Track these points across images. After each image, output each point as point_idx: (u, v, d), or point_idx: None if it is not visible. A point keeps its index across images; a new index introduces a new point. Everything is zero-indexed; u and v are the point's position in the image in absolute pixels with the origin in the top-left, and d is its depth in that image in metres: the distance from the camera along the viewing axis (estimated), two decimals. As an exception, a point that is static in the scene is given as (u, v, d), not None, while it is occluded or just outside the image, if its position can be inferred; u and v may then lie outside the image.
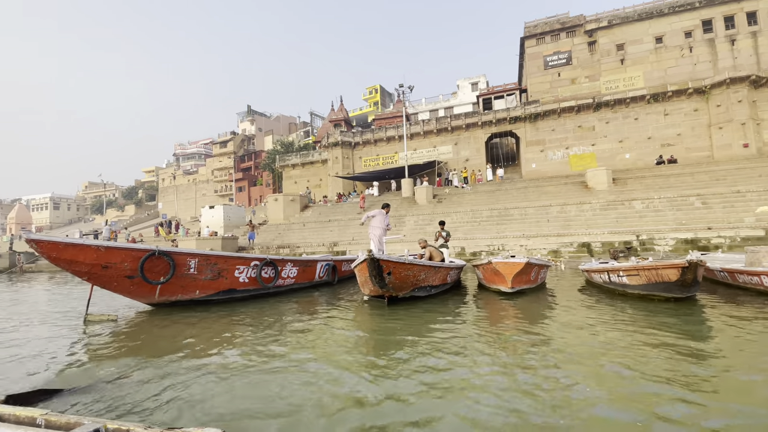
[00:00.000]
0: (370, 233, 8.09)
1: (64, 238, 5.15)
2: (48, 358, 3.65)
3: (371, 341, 3.86)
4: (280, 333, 4.34)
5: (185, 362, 3.33)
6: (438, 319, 4.84)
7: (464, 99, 41.53)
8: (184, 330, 4.72)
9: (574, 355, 3.16)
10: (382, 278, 5.49)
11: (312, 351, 3.56)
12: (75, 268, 5.18)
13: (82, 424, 1.28)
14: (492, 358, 3.18)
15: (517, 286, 6.21)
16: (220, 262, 6.41)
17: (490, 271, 6.40)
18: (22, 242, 37.88)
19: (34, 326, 5.25)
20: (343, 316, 5.32)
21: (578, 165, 25.73)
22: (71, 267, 5.16)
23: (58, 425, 1.32)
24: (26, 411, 1.41)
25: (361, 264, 5.76)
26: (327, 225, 21.50)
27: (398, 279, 5.65)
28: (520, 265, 5.96)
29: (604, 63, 26.46)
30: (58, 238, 5.05)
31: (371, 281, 5.61)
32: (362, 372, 2.91)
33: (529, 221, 15.84)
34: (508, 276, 6.03)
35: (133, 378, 2.94)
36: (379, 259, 5.34)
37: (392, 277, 5.56)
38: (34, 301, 8.08)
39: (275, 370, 3.03)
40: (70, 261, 5.10)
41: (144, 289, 5.76)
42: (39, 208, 62.46)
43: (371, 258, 5.29)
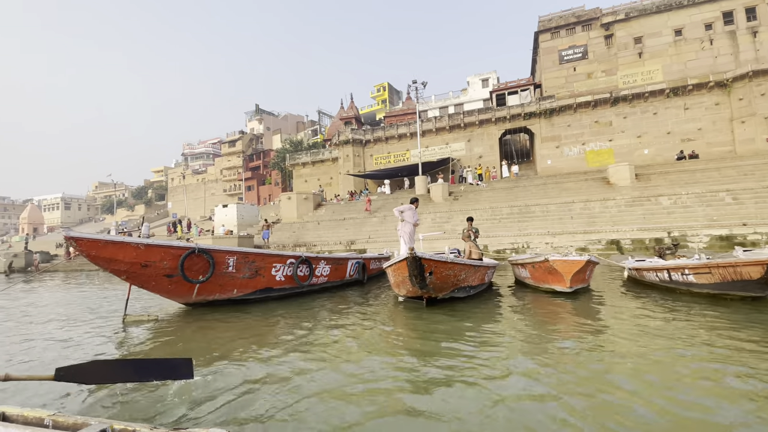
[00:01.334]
0: (400, 230, 7.63)
1: (104, 235, 4.95)
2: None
3: (424, 350, 3.48)
4: (323, 337, 4.05)
5: (231, 364, 3.12)
6: (490, 324, 4.54)
7: (474, 95, 41.04)
8: (227, 331, 4.51)
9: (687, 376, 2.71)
10: (423, 278, 5.15)
11: (359, 357, 3.27)
12: (114, 267, 4.98)
13: (89, 424, 1.29)
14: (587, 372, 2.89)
15: (575, 285, 5.91)
16: (258, 260, 6.20)
17: (543, 269, 6.07)
18: (37, 242, 38.14)
19: (73, 327, 5.07)
20: (383, 318, 5.02)
21: (595, 161, 25.29)
22: (110, 266, 4.96)
23: (66, 425, 1.33)
24: (34, 412, 1.42)
25: (399, 263, 5.41)
26: (342, 223, 21.29)
27: (439, 279, 5.33)
28: (581, 263, 5.65)
29: (622, 57, 25.96)
30: (98, 236, 4.85)
31: (410, 281, 5.28)
32: (418, 384, 2.65)
33: (551, 218, 15.51)
34: (567, 275, 5.72)
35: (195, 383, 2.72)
36: (422, 258, 5.01)
37: (433, 277, 5.23)
38: (66, 302, 7.91)
39: (325, 378, 2.81)
40: (109, 259, 4.90)
41: (182, 289, 5.56)
42: (50, 208, 62.96)
43: (413, 257, 4.95)
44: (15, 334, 4.80)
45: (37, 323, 5.45)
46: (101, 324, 5.20)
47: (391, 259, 7.66)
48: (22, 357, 3.69)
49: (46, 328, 5.09)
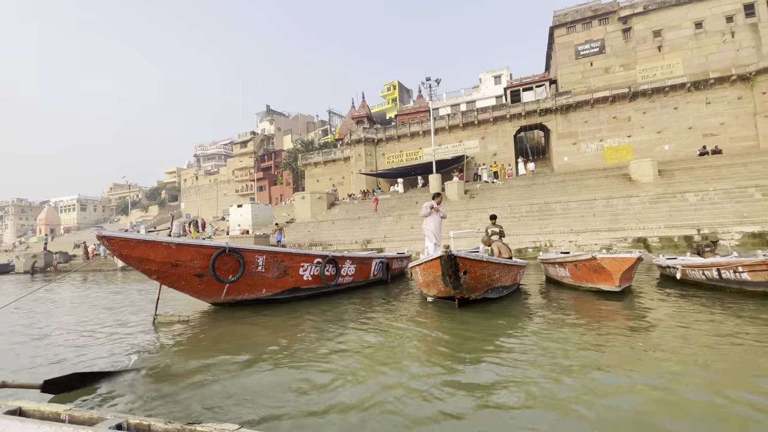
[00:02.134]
0: (426, 228, 7.33)
1: (136, 234, 4.87)
2: (113, 360, 3.36)
3: (465, 356, 3.25)
4: (356, 341, 3.86)
5: (264, 366, 2.98)
6: (532, 326, 4.32)
7: (487, 92, 40.61)
8: (259, 332, 4.41)
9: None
10: (458, 278, 4.93)
11: (396, 363, 3.05)
12: (145, 266, 4.90)
13: (105, 418, 1.30)
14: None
15: (623, 284, 5.65)
16: (287, 259, 6.08)
17: (589, 268, 5.81)
18: (55, 243, 38.83)
19: (103, 327, 5.01)
20: (414, 320, 4.82)
21: (613, 157, 24.77)
22: (141, 265, 4.88)
23: (82, 420, 1.34)
24: (50, 407, 1.42)
25: (431, 262, 5.19)
26: (357, 222, 21.17)
27: (474, 279, 5.11)
28: (631, 261, 5.39)
29: (640, 51, 25.36)
30: (130, 235, 4.77)
31: (443, 281, 5.07)
32: (465, 395, 2.46)
33: (572, 216, 15.17)
34: (617, 273, 5.46)
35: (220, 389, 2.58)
36: (457, 257, 4.79)
37: (468, 276, 5.01)
38: (91, 303, 7.91)
39: (358, 384, 2.65)
40: (140, 259, 4.82)
41: (212, 288, 5.46)
42: (67, 209, 64.12)
43: (448, 255, 4.72)
44: (55, 332, 4.75)
45: (67, 323, 5.41)
46: (132, 324, 5.13)
47: (420, 257, 7.48)
48: (57, 356, 3.61)
49: (75, 328, 5.03)
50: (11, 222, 66.28)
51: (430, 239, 7.21)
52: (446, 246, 4.78)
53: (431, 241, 7.16)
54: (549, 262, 7.65)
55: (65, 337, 4.51)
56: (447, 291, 5.28)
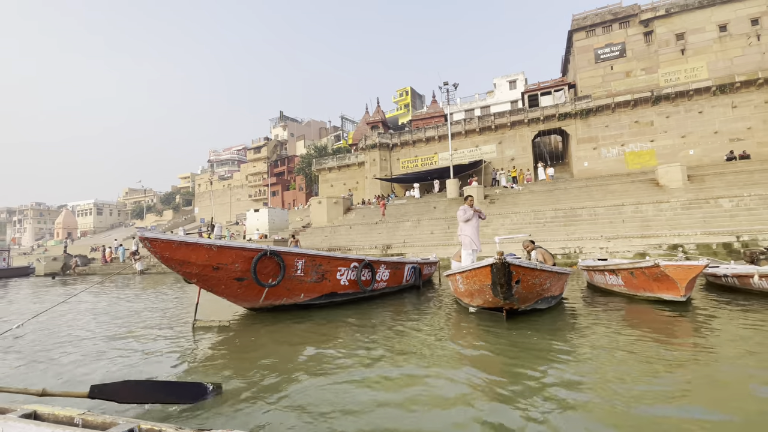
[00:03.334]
0: (463, 233, 6.89)
1: (178, 236, 4.71)
2: (153, 366, 3.16)
3: (527, 381, 2.82)
4: (399, 358, 3.50)
5: (310, 378, 2.75)
6: (595, 341, 3.97)
7: (501, 97, 40.22)
8: (299, 338, 4.23)
9: None
10: (510, 287, 4.55)
11: (460, 394, 2.59)
12: (186, 270, 4.73)
13: (117, 423, 1.30)
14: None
15: (688, 293, 5.29)
16: (324, 263, 5.87)
17: (648, 276, 5.46)
18: (75, 245, 39.37)
19: (143, 332, 4.84)
20: (458, 333, 4.48)
21: (636, 163, 24.22)
22: (182, 268, 4.71)
23: (95, 425, 1.34)
24: (64, 411, 1.42)
25: (479, 270, 4.78)
26: (374, 227, 20.96)
27: (526, 288, 4.75)
28: (698, 269, 5.02)
29: (663, 54, 24.88)
30: (172, 237, 4.61)
31: (492, 290, 4.69)
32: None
33: (600, 222, 14.74)
34: (683, 282, 5.09)
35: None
36: (511, 264, 4.44)
37: (520, 285, 4.65)
38: (126, 307, 7.79)
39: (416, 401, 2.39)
40: (181, 261, 4.65)
41: (251, 293, 5.27)
42: (84, 213, 65.21)
43: (502, 263, 4.38)
44: (91, 338, 4.59)
45: (104, 326, 5.26)
46: (170, 329, 4.95)
47: (454, 264, 7.21)
48: (99, 363, 3.43)
49: (115, 332, 4.88)
50: (30, 225, 67.62)
51: (468, 246, 6.71)
52: (500, 252, 4.46)
53: (470, 248, 6.74)
54: (595, 269, 7.28)
55: (110, 345, 4.35)
56: (495, 301, 4.89)
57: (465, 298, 5.64)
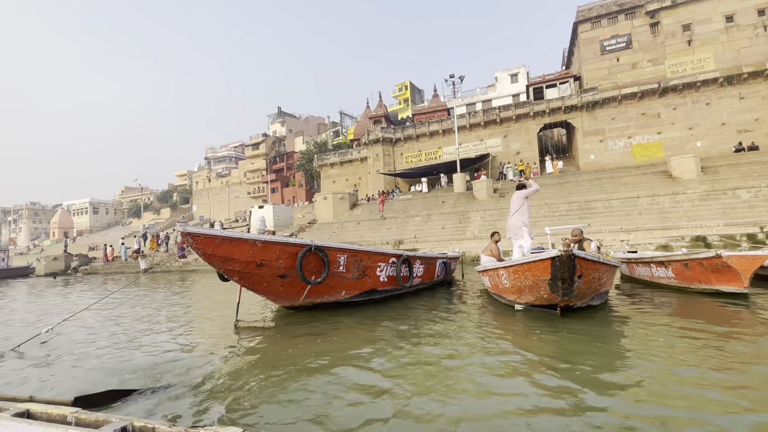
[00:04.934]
0: (520, 222, 6.16)
1: (221, 231, 4.41)
2: (188, 369, 2.89)
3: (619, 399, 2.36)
4: (453, 363, 3.19)
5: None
6: (669, 341, 3.73)
7: (503, 91, 40.08)
8: (348, 339, 4.00)
9: None
10: (572, 282, 4.24)
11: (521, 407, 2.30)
12: (228, 267, 4.43)
13: (110, 421, 1.30)
14: None
15: (749, 285, 5.10)
16: (365, 258, 5.60)
17: (707, 267, 5.23)
18: (76, 245, 38.72)
19: (187, 330, 4.55)
20: (509, 335, 4.13)
21: (643, 155, 24.10)
22: (225, 265, 4.41)
23: (88, 423, 1.34)
24: (57, 409, 1.41)
25: (537, 263, 4.36)
26: (383, 222, 20.69)
27: (586, 283, 4.45)
28: (763, 259, 4.84)
29: (669, 45, 24.69)
30: (216, 232, 4.31)
31: (550, 286, 4.35)
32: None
33: (616, 214, 14.57)
34: (746, 273, 4.90)
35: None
36: (576, 257, 4.10)
37: (581, 280, 4.34)
38: (158, 306, 7.48)
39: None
40: (224, 258, 4.35)
41: (293, 290, 4.99)
42: (79, 212, 64.27)
43: (569, 255, 4.03)
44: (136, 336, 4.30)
45: (146, 328, 4.97)
46: (212, 328, 4.67)
47: (491, 258, 6.91)
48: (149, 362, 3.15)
49: (160, 332, 4.58)
50: (25, 225, 66.54)
51: (524, 236, 6.10)
52: (567, 244, 4.15)
53: (521, 239, 6.14)
54: (638, 261, 7.05)
55: (153, 345, 4.06)
56: (551, 298, 4.55)
57: (509, 294, 5.27)
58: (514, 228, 6.20)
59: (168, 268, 21.51)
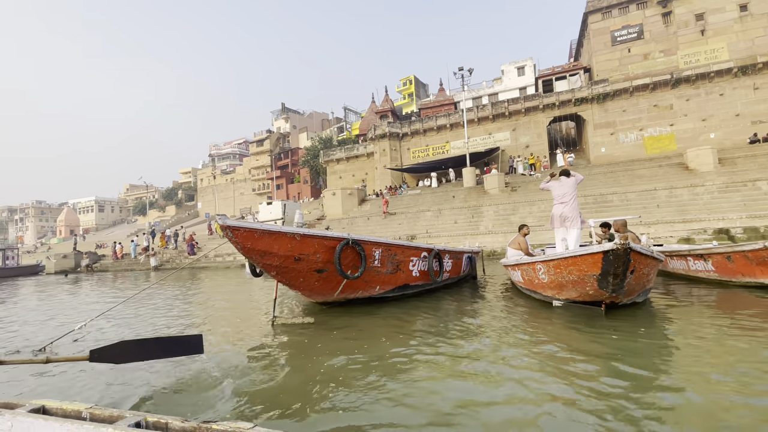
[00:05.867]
0: (568, 211, 5.66)
1: (260, 224, 4.28)
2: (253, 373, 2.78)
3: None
4: (498, 368, 2.91)
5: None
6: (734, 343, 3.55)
7: (510, 84, 39.42)
8: (388, 337, 3.87)
9: None
10: (624, 278, 3.92)
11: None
12: (266, 261, 4.31)
13: (125, 416, 1.34)
14: None
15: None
16: (399, 252, 5.47)
17: (752, 259, 5.05)
18: (86, 242, 38.80)
19: (222, 328, 4.44)
20: (553, 333, 3.90)
21: (655, 147, 23.82)
22: (263, 259, 4.29)
23: (102, 418, 1.37)
24: (72, 405, 1.46)
25: (586, 257, 4.01)
26: (393, 218, 20.56)
27: (637, 279, 4.20)
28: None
29: (682, 35, 24.31)
30: (255, 225, 4.19)
31: (598, 282, 4.05)
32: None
33: (633, 207, 14.37)
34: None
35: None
36: (633, 251, 3.79)
37: (633, 276, 4.06)
38: (186, 303, 7.38)
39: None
40: (263, 252, 4.23)
41: (328, 286, 4.87)
42: (85, 210, 64.45)
43: (626, 249, 3.74)
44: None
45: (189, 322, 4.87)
46: (248, 326, 4.56)
47: (516, 252, 6.71)
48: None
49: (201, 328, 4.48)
50: (31, 224, 66.82)
51: (577, 226, 5.69)
52: (624, 237, 3.86)
53: (575, 229, 5.74)
54: (674, 254, 6.88)
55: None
56: (597, 294, 4.26)
57: (547, 290, 4.99)
58: (567, 217, 5.71)
59: (178, 265, 21.48)
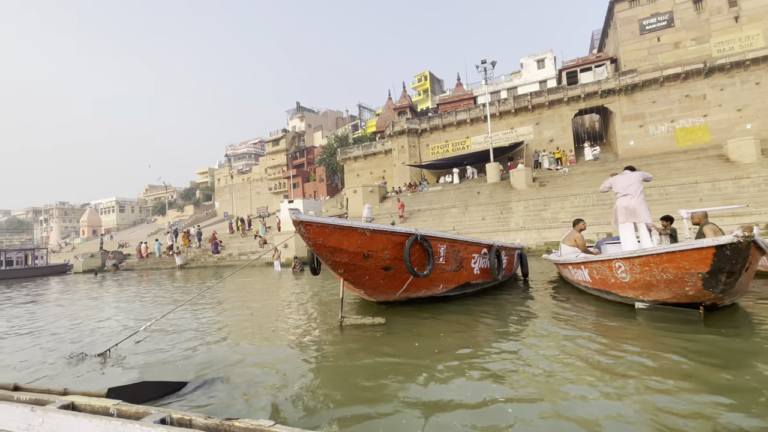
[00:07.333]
0: (637, 204, 5.12)
1: (331, 219, 4.06)
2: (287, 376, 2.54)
3: None
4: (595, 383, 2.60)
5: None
6: None
7: (529, 78, 38.73)
8: (464, 339, 3.57)
9: None
10: (739, 276, 3.43)
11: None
12: (336, 258, 4.10)
13: (150, 413, 1.35)
14: None
15: None
16: (462, 249, 5.21)
17: None
18: (113, 242, 39.53)
19: (289, 329, 4.25)
20: (647, 342, 3.40)
21: (687, 140, 22.97)
22: (333, 256, 4.08)
23: (128, 414, 1.38)
24: (100, 401, 1.47)
25: (697, 251, 3.44)
26: (418, 215, 20.27)
27: (748, 276, 3.73)
28: None
29: (714, 22, 23.37)
30: (327, 220, 3.98)
31: (705, 280, 3.50)
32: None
33: (675, 201, 13.79)
34: None
35: None
36: (756, 244, 3.25)
37: (746, 274, 3.56)
38: (244, 302, 7.27)
39: None
40: (333, 249, 4.02)
41: (392, 284, 4.64)
42: (106, 211, 65.81)
43: (749, 242, 3.20)
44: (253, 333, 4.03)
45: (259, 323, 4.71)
46: (316, 325, 4.36)
47: (565, 248, 6.32)
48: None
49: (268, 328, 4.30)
50: (56, 224, 68.54)
51: (647, 221, 5.17)
52: (749, 228, 3.30)
53: (646, 223, 5.22)
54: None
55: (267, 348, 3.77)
56: (698, 295, 3.70)
57: (627, 290, 4.46)
58: (635, 210, 5.18)
59: (204, 263, 21.59)
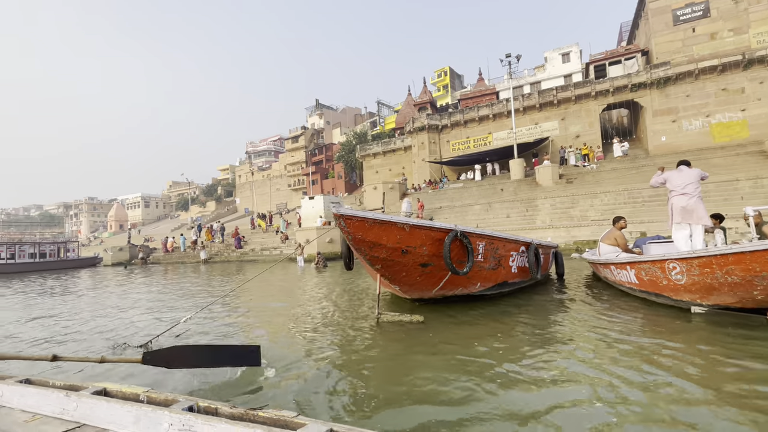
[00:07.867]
0: (694, 203, 4.95)
1: (371, 213, 3.96)
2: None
3: None
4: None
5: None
6: None
7: (553, 72, 37.69)
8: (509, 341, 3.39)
9: None
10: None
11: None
12: (374, 253, 3.99)
13: (179, 400, 1.39)
14: None
15: None
16: (500, 246, 5.03)
17: None
18: (141, 236, 40.74)
19: (327, 325, 4.17)
20: (713, 350, 3.28)
21: (724, 135, 21.89)
22: (371, 252, 3.97)
23: (158, 401, 1.42)
24: (131, 388, 1.53)
25: (753, 254, 3.23)
26: (439, 212, 20.03)
27: None
28: None
29: (754, 12, 22.15)
30: (367, 214, 3.88)
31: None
32: None
33: (712, 199, 13.12)
34: None
35: None
36: None
37: None
38: (278, 297, 7.30)
39: None
40: (372, 243, 3.92)
41: (429, 281, 4.50)
42: (132, 206, 67.91)
43: None
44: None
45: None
46: (354, 322, 4.27)
47: (624, 247, 6.03)
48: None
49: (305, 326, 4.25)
50: (85, 219, 71.20)
51: (703, 221, 4.97)
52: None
53: (701, 223, 5.00)
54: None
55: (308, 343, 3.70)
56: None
57: (682, 294, 4.18)
58: (693, 210, 4.94)
59: (227, 257, 21.95)
